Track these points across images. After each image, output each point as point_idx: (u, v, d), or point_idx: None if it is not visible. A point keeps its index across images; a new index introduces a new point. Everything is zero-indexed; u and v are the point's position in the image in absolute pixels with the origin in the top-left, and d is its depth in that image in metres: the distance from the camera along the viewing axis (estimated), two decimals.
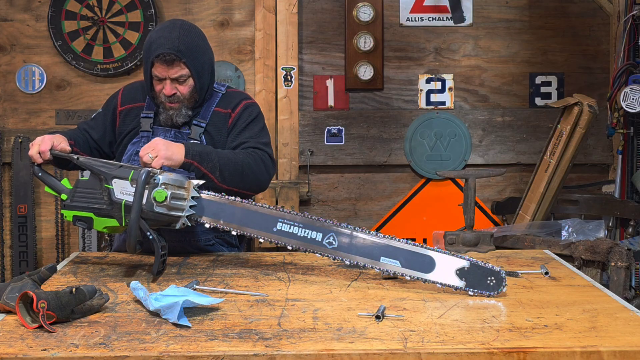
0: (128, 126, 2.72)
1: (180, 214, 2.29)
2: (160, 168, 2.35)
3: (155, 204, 2.26)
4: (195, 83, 2.61)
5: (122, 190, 2.30)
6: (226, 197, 2.32)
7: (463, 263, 2.08)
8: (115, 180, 2.30)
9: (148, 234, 2.27)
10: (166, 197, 2.25)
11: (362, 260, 2.16)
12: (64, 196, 2.38)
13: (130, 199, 2.27)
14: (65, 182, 2.43)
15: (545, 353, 1.64)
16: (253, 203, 2.29)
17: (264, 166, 2.60)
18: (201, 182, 2.35)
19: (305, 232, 2.21)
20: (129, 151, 2.69)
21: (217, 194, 2.33)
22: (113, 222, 2.32)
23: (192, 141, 2.57)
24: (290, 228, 2.22)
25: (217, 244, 2.73)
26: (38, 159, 2.50)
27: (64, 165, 2.62)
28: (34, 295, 1.79)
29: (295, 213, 2.24)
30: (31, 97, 4.24)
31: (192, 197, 2.30)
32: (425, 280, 2.11)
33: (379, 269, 2.15)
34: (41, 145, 2.48)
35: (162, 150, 2.37)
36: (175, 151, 2.41)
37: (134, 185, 2.27)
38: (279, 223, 2.23)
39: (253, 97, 4.17)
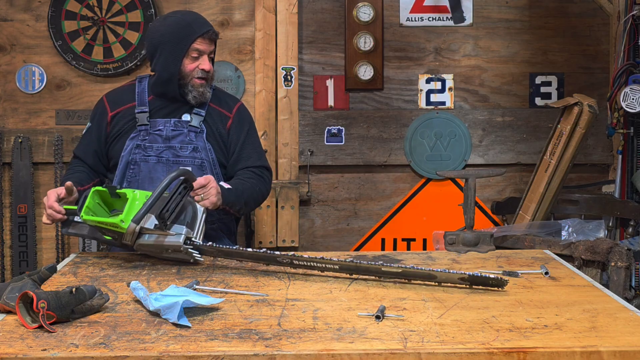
0: (122, 127, 2.86)
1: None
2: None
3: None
4: (214, 64, 2.88)
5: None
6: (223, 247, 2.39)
7: (463, 276, 2.10)
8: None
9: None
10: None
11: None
12: (122, 220, 2.41)
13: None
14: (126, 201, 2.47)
15: (545, 353, 1.64)
16: (254, 250, 2.34)
17: (269, 184, 2.94)
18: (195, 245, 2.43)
19: (307, 263, 2.25)
20: (127, 146, 2.82)
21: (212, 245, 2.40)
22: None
23: (225, 186, 2.70)
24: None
25: (218, 229, 2.86)
26: (55, 215, 2.53)
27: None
28: (34, 295, 1.79)
29: (293, 254, 2.28)
30: (31, 97, 4.24)
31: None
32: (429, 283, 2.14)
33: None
34: (48, 202, 2.53)
35: (212, 196, 2.55)
36: (219, 198, 2.58)
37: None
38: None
39: (253, 97, 4.21)
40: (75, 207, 2.52)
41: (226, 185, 2.70)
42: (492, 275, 2.08)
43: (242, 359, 1.63)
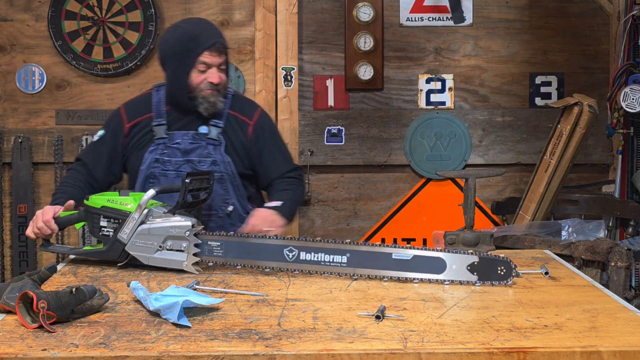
0: (139, 140, 2.80)
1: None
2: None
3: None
4: (227, 72, 2.83)
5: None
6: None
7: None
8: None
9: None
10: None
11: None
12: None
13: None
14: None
15: (545, 353, 1.64)
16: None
17: (303, 181, 3.01)
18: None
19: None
20: (147, 160, 2.76)
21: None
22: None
23: (275, 204, 2.72)
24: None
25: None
26: (47, 230, 2.46)
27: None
28: (34, 295, 1.79)
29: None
30: (31, 97, 4.24)
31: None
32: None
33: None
34: (44, 216, 2.45)
35: (277, 221, 2.62)
36: (278, 218, 2.65)
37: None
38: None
39: (253, 97, 4.21)
40: (75, 211, 2.49)
41: (276, 203, 2.70)
42: (502, 256, 2.09)
43: (242, 359, 1.63)
